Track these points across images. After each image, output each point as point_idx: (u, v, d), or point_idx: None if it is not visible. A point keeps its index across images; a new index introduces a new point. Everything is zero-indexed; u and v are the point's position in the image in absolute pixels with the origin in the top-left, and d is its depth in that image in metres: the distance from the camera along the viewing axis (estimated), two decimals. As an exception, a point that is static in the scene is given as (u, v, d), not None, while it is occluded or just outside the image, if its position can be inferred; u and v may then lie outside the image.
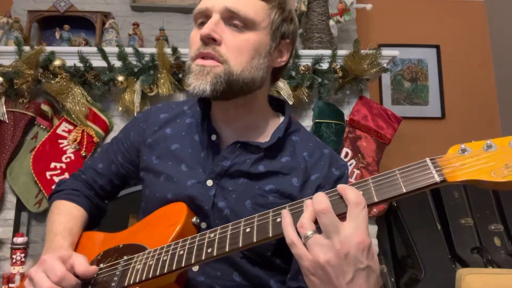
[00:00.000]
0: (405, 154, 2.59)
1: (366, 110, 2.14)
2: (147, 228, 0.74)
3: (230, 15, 0.68)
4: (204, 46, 0.68)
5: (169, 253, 0.61)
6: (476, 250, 2.15)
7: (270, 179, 0.74)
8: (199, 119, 0.80)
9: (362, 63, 2.04)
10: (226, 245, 0.56)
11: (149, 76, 1.98)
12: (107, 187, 0.90)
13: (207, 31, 0.67)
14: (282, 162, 0.76)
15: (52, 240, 0.76)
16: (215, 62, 0.68)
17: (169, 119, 0.84)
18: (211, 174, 0.74)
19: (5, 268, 1.96)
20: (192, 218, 0.70)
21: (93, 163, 0.91)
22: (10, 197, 2.03)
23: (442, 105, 2.73)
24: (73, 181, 0.91)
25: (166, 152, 0.79)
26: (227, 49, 0.68)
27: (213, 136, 0.78)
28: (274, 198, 0.73)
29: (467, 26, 2.82)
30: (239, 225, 0.57)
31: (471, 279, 1.24)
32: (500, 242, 2.18)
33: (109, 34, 2.16)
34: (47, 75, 1.97)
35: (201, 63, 0.68)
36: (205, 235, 0.60)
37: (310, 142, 0.81)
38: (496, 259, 2.11)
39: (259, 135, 0.79)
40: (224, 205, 0.72)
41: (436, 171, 0.49)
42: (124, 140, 0.87)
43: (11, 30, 2.10)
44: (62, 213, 0.83)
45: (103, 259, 0.72)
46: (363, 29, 2.63)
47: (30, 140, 2.05)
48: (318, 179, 0.75)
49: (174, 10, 2.38)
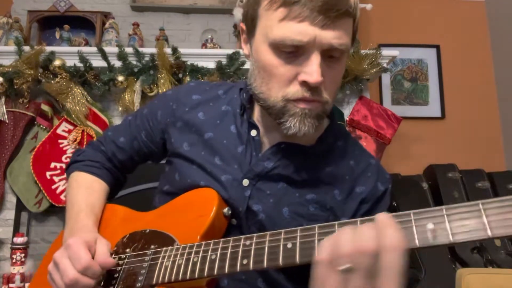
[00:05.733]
0: (405, 154, 2.59)
1: (366, 110, 2.14)
2: (175, 214, 0.70)
3: (331, 50, 0.60)
4: (309, 91, 0.61)
5: (200, 255, 0.58)
6: (476, 250, 2.15)
7: (311, 188, 0.70)
8: (237, 109, 0.75)
9: (362, 63, 2.04)
10: (264, 259, 0.51)
11: (149, 76, 1.99)
12: (127, 162, 0.85)
13: (319, 79, 0.59)
14: (327, 170, 0.71)
15: (75, 219, 0.73)
16: (319, 104, 0.63)
17: (201, 102, 0.78)
18: (248, 174, 0.69)
19: (5, 268, 1.96)
20: (224, 208, 0.66)
21: (114, 135, 0.85)
22: (10, 197, 2.03)
23: (442, 105, 2.73)
24: (93, 151, 0.85)
25: (199, 140, 0.74)
26: (326, 89, 0.63)
27: (254, 131, 0.72)
28: (314, 209, 0.68)
29: (467, 26, 2.82)
30: (279, 238, 0.52)
31: (471, 279, 1.24)
32: (500, 242, 2.18)
33: (109, 34, 2.16)
34: (47, 75, 1.97)
35: (308, 107, 0.62)
36: (240, 241, 0.56)
37: (356, 150, 0.76)
38: (496, 259, 2.11)
39: (304, 138, 0.70)
40: (260, 209, 0.68)
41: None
42: (150, 118, 0.81)
43: (11, 30, 2.10)
44: (83, 186, 0.79)
45: (130, 243, 0.69)
46: (363, 29, 2.63)
47: (30, 140, 2.05)
48: (363, 192, 0.71)
49: (174, 10, 2.38)
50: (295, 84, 0.61)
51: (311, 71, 0.59)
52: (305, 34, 0.58)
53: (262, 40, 0.63)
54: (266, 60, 0.63)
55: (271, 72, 0.63)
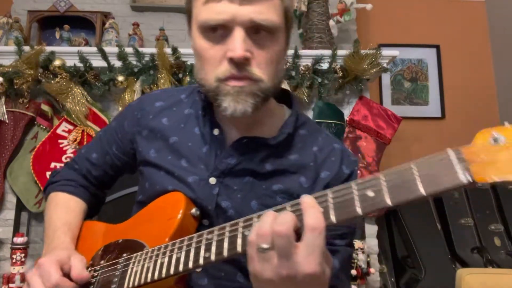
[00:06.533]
0: (405, 154, 2.59)
1: (366, 110, 2.14)
2: (146, 221, 0.72)
3: (254, 27, 0.62)
4: (236, 67, 0.62)
5: (167, 256, 0.59)
6: (476, 250, 2.16)
7: (277, 179, 0.71)
8: (199, 111, 0.76)
9: (362, 63, 2.04)
10: (223, 250, 0.53)
11: (149, 76, 1.99)
12: (102, 178, 0.86)
13: (242, 53, 0.60)
14: (291, 160, 0.72)
15: (52, 237, 0.74)
16: (251, 82, 0.63)
17: (165, 108, 0.79)
18: (214, 172, 0.70)
19: (5, 268, 1.96)
20: (192, 209, 0.68)
21: (87, 152, 0.86)
22: (10, 197, 2.03)
23: (442, 105, 2.73)
24: (67, 171, 0.87)
25: (164, 145, 0.75)
26: (258, 66, 0.63)
27: (216, 130, 0.73)
28: (282, 199, 0.69)
29: (467, 26, 2.82)
30: (237, 227, 0.54)
31: (471, 279, 1.24)
32: (500, 242, 2.18)
33: (109, 34, 2.16)
34: (47, 75, 1.97)
35: (239, 85, 0.63)
36: (203, 236, 0.57)
37: (320, 136, 0.77)
38: (496, 259, 2.11)
39: (265, 130, 0.73)
40: (229, 205, 0.69)
41: (461, 167, 0.39)
42: (118, 130, 0.83)
43: (11, 30, 2.10)
44: (59, 206, 0.81)
45: (104, 255, 0.71)
46: (363, 29, 2.63)
47: (30, 140, 2.05)
48: (327, 177, 0.72)
49: (174, 10, 2.38)
50: (224, 63, 0.63)
51: (233, 47, 0.61)
52: (224, 12, 0.61)
53: (194, 28, 0.66)
54: (198, 46, 0.66)
55: (204, 57, 0.65)
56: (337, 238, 0.70)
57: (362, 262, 1.91)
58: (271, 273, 0.46)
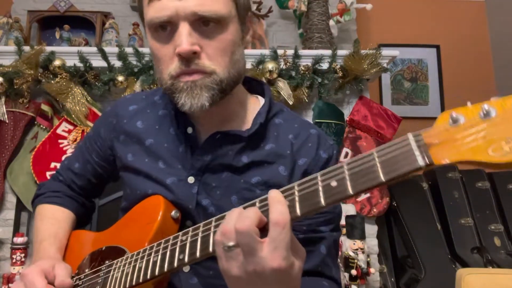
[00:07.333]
0: (405, 154, 2.58)
1: (366, 110, 2.14)
2: (127, 227, 0.72)
3: (200, 19, 0.61)
4: (185, 62, 0.62)
5: (144, 260, 0.59)
6: (476, 250, 2.15)
7: (255, 171, 0.70)
8: (172, 111, 0.75)
9: (362, 63, 2.04)
10: (196, 251, 0.52)
11: (149, 76, 1.98)
12: (87, 187, 0.86)
13: (187, 47, 0.60)
14: (267, 150, 0.71)
15: (38, 248, 0.74)
16: (203, 75, 0.63)
17: (138, 111, 0.79)
18: (191, 170, 0.70)
19: (5, 268, 1.96)
20: (171, 212, 0.67)
21: (70, 163, 0.86)
22: (10, 197, 2.03)
23: (442, 105, 2.73)
24: (53, 182, 0.87)
25: (141, 148, 0.74)
26: (209, 58, 0.63)
27: (189, 129, 0.72)
28: (261, 191, 0.68)
29: (467, 26, 2.83)
30: (210, 226, 0.53)
31: (471, 279, 1.24)
32: (500, 242, 2.18)
33: (109, 34, 2.16)
34: (47, 75, 1.97)
35: (190, 79, 0.62)
36: (178, 237, 0.56)
37: (295, 123, 0.76)
38: (496, 259, 2.11)
39: (239, 123, 0.73)
40: (209, 203, 0.69)
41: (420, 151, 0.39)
42: (96, 138, 0.82)
43: (11, 30, 2.11)
44: (46, 218, 0.81)
45: (89, 263, 0.71)
46: (363, 29, 2.63)
47: (30, 140, 2.05)
48: (305, 164, 0.71)
49: (174, 10, 2.38)
50: (175, 60, 0.63)
51: (179, 42, 0.61)
52: (167, 8, 0.60)
53: (147, 30, 0.66)
54: (151, 46, 0.66)
55: (157, 56, 0.65)
56: (321, 225, 0.70)
57: (362, 262, 1.91)
58: (238, 270, 0.46)
